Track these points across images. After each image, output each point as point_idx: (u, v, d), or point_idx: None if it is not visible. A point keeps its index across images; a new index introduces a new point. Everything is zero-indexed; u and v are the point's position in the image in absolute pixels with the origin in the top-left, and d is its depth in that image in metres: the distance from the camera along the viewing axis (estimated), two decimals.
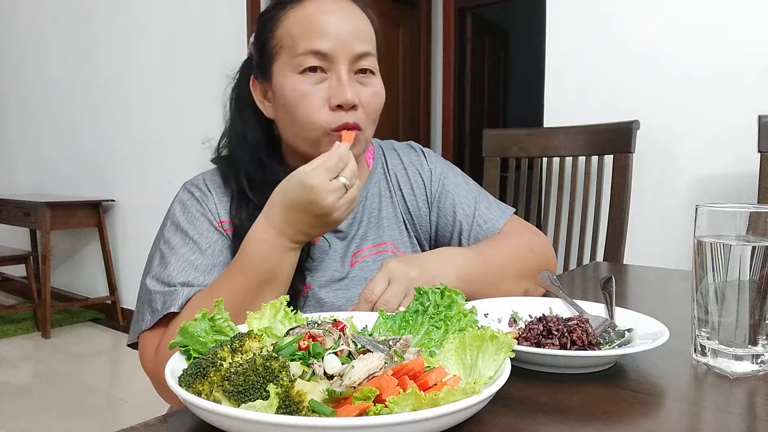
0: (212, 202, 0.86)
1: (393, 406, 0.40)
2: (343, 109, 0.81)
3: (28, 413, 2.43)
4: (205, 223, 0.84)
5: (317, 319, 0.56)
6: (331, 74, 0.81)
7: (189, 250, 0.82)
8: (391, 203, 0.97)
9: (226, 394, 0.42)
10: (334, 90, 0.80)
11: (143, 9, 3.37)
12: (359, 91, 0.82)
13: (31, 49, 4.20)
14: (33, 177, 4.35)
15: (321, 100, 0.81)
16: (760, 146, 1.42)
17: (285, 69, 0.82)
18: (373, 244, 0.93)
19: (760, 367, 0.57)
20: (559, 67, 1.94)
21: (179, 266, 0.80)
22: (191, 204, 0.86)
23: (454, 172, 1.03)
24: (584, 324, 0.62)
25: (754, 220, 0.57)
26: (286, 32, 0.82)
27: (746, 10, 1.59)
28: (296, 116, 0.82)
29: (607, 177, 1.61)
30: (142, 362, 0.80)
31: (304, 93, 0.81)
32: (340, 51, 0.80)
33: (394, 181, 0.99)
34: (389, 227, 0.95)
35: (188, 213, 0.86)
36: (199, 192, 0.88)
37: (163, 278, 0.79)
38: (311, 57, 0.80)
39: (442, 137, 4.18)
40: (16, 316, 3.79)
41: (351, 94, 0.80)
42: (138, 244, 3.57)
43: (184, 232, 0.83)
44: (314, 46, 0.80)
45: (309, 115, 0.81)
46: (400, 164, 1.01)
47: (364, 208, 0.94)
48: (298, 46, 0.80)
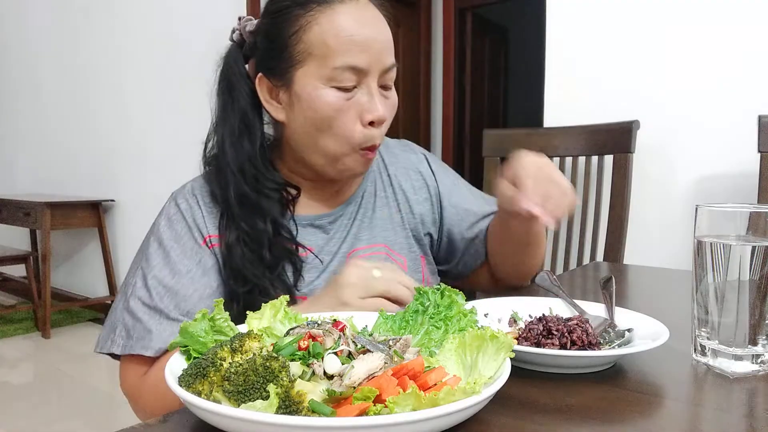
0: (200, 216, 0.84)
1: (393, 406, 0.40)
2: (374, 126, 0.81)
3: (28, 413, 2.43)
4: (189, 243, 0.82)
5: (317, 319, 0.56)
6: (361, 87, 0.79)
7: (169, 272, 0.80)
8: (386, 204, 0.96)
9: (226, 394, 0.42)
10: (365, 105, 0.79)
11: (142, 9, 3.37)
12: (385, 104, 0.82)
13: (30, 49, 4.20)
14: (33, 177, 4.35)
15: (353, 117, 0.80)
16: (760, 146, 1.42)
17: (314, 79, 0.78)
18: (366, 245, 0.92)
19: (760, 367, 0.57)
20: (559, 67, 1.94)
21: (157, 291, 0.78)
22: (177, 220, 0.84)
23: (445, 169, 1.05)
24: (584, 324, 0.62)
25: (754, 220, 0.57)
26: (320, 40, 0.77)
27: (746, 10, 1.59)
28: (325, 130, 0.80)
29: (607, 177, 1.61)
30: (122, 381, 0.80)
31: (337, 108, 0.78)
32: (374, 65, 0.79)
33: (393, 181, 0.98)
34: (383, 228, 0.94)
35: (173, 230, 0.83)
36: (185, 204, 0.85)
37: (145, 300, 0.78)
38: (347, 72, 0.78)
39: (442, 137, 4.18)
40: (16, 316, 3.79)
41: (383, 110, 0.80)
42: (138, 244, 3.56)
43: (167, 252, 0.81)
44: (353, 61, 0.77)
45: (341, 132, 0.80)
46: (399, 164, 1.01)
47: (360, 208, 0.94)
48: (334, 59, 0.77)
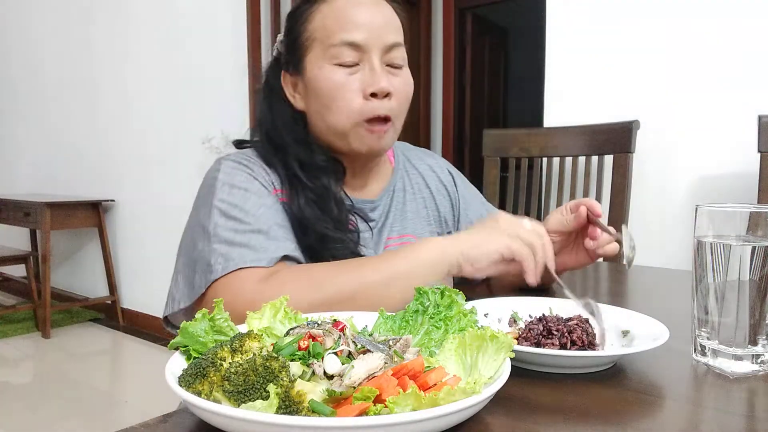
0: (262, 173, 0.85)
1: (393, 406, 0.40)
2: (377, 98, 0.83)
3: (28, 413, 2.43)
4: (261, 189, 0.82)
5: (317, 319, 0.56)
6: (363, 64, 0.83)
7: (255, 202, 0.79)
8: (414, 199, 1.00)
9: (226, 394, 0.42)
10: (368, 79, 0.83)
11: (142, 9, 3.37)
12: (391, 80, 0.85)
13: (31, 50, 4.20)
14: (33, 177, 4.35)
15: (355, 90, 0.83)
16: (760, 146, 1.42)
17: (319, 60, 0.84)
18: (397, 235, 0.96)
19: (760, 367, 0.57)
20: (559, 67, 1.94)
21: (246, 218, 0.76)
22: (239, 170, 0.84)
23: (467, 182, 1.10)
24: (584, 324, 0.62)
25: (754, 220, 0.57)
26: (320, 25, 0.84)
27: (746, 10, 1.59)
28: (330, 106, 0.84)
29: (607, 177, 1.61)
30: (237, 296, 0.70)
31: (338, 83, 0.83)
32: (373, 41, 0.83)
33: (419, 179, 1.03)
34: (412, 220, 0.98)
35: (242, 175, 0.83)
36: (246, 160, 0.86)
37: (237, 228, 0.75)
38: (345, 48, 0.82)
39: (442, 137, 4.18)
40: (16, 316, 3.79)
41: (385, 82, 0.83)
42: (138, 244, 3.58)
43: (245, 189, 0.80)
44: (348, 37, 0.82)
45: (343, 105, 0.83)
46: (424, 164, 1.05)
47: (392, 201, 0.97)
48: (333, 38, 0.83)
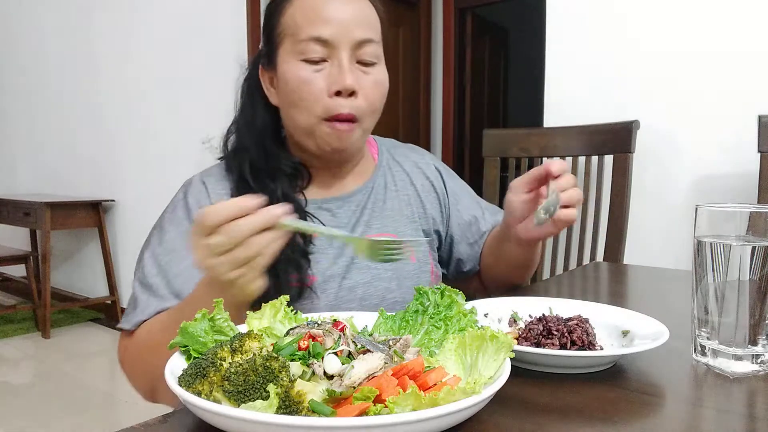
0: (206, 201, 0.87)
1: (393, 406, 0.40)
2: (342, 96, 0.81)
3: (28, 413, 2.43)
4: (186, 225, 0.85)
5: (317, 319, 0.56)
6: (332, 61, 0.82)
7: (162, 251, 0.84)
8: (397, 197, 0.98)
9: (226, 394, 0.42)
10: (334, 76, 0.81)
11: (143, 9, 3.37)
12: (360, 78, 0.82)
13: (31, 49, 4.20)
14: (33, 177, 4.35)
15: (321, 87, 0.81)
16: (760, 146, 1.42)
17: (288, 56, 0.83)
18: (377, 233, 0.94)
19: (760, 367, 0.57)
20: (559, 67, 1.94)
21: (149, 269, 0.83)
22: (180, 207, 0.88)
23: (453, 175, 1.07)
24: (584, 324, 0.62)
25: (754, 220, 0.57)
26: (291, 20, 0.83)
27: (746, 10, 1.59)
28: (296, 103, 0.83)
29: (607, 177, 1.61)
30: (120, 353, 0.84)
31: (304, 79, 0.81)
32: (342, 37, 0.81)
33: (404, 177, 1.01)
34: (393, 218, 0.96)
35: (174, 215, 0.87)
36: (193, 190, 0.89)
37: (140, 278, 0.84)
38: (313, 43, 0.81)
39: (442, 137, 4.18)
40: (16, 316, 3.79)
41: (350, 80, 0.80)
42: (138, 244, 3.53)
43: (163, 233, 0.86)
44: (316, 32, 0.80)
45: (308, 102, 0.81)
46: (409, 161, 1.03)
47: (370, 197, 0.96)
48: (301, 33, 0.81)
